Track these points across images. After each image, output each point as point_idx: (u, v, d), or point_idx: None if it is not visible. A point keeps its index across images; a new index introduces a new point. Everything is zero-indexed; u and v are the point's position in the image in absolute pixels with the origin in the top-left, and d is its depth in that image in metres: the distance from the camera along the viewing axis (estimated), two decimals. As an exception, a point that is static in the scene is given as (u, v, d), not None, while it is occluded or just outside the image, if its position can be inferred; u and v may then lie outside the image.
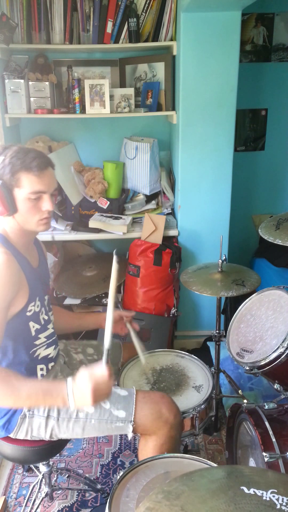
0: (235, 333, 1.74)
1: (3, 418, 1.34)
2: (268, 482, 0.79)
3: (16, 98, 2.28)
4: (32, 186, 1.24)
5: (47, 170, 1.27)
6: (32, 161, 1.23)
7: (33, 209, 1.27)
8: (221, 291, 1.72)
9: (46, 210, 1.29)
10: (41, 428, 1.35)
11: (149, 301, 2.40)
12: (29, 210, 1.27)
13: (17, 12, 2.21)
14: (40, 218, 1.30)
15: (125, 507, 1.12)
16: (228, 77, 2.20)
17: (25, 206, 1.26)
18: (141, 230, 2.40)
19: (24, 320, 1.33)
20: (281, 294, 1.66)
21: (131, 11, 2.21)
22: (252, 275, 1.84)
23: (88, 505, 1.74)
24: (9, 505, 1.76)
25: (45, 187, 1.26)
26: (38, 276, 1.41)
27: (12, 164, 1.22)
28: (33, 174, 1.23)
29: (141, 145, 2.47)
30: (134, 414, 1.32)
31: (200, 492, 0.77)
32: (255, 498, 0.74)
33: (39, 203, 1.28)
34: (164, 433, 1.33)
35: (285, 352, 1.46)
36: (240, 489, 0.76)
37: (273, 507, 0.73)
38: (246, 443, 1.53)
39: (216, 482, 0.79)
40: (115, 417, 1.33)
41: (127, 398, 1.36)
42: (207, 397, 1.59)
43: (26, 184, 1.24)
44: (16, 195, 1.25)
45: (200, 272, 1.91)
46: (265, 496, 0.75)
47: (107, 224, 2.36)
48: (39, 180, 1.25)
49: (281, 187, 3.04)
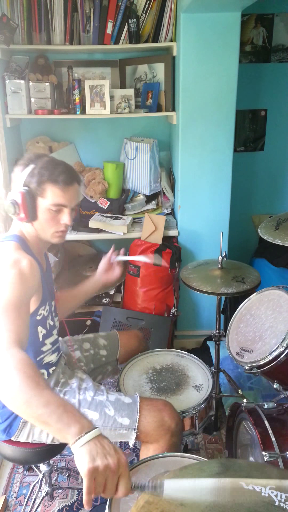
0: (234, 333, 1.75)
1: (5, 422, 1.34)
2: (267, 477, 0.79)
3: (16, 98, 2.29)
4: (55, 199, 1.28)
5: (72, 185, 1.31)
6: (60, 175, 1.27)
7: (52, 220, 1.31)
8: (221, 287, 1.72)
9: (63, 224, 1.33)
10: (43, 433, 1.35)
11: (149, 301, 2.41)
12: (48, 221, 1.31)
13: (17, 13, 2.22)
14: (56, 230, 1.34)
15: (125, 506, 1.12)
16: (227, 77, 2.21)
17: (44, 216, 1.30)
18: (141, 230, 2.41)
19: (33, 324, 1.33)
20: (280, 294, 1.67)
21: (131, 12, 2.22)
22: (252, 272, 1.84)
23: (89, 504, 1.75)
24: (10, 505, 1.76)
25: (67, 202, 1.30)
26: (47, 281, 1.42)
27: (41, 174, 1.26)
28: (58, 187, 1.27)
29: (141, 145, 2.47)
30: (138, 421, 1.33)
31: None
32: (254, 494, 0.75)
33: (59, 215, 1.32)
34: (166, 440, 1.34)
35: (284, 351, 1.46)
36: (239, 485, 0.76)
37: (272, 503, 0.73)
38: (245, 442, 1.53)
39: (215, 476, 0.80)
40: (119, 424, 1.34)
41: (131, 405, 1.36)
42: (207, 396, 1.59)
43: (49, 196, 1.28)
44: (38, 204, 1.29)
45: (200, 268, 1.91)
46: (264, 492, 0.75)
47: (107, 224, 2.37)
48: (62, 194, 1.29)
49: (280, 188, 3.04)
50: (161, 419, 1.34)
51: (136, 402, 1.37)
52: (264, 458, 1.27)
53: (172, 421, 1.35)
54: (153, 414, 1.35)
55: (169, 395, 1.60)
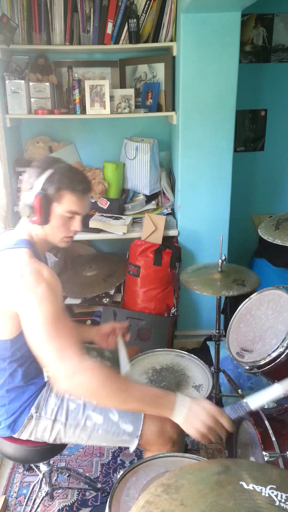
0: (234, 333, 1.75)
1: (10, 418, 1.34)
2: (267, 477, 0.79)
3: (16, 98, 2.29)
4: (71, 206, 1.31)
5: (88, 195, 1.36)
6: (79, 184, 1.31)
7: (63, 226, 1.34)
8: (221, 291, 1.72)
9: (74, 230, 1.36)
10: (46, 431, 1.35)
11: (149, 301, 2.41)
12: (60, 226, 1.33)
13: (17, 13, 2.22)
14: (66, 235, 1.36)
15: (125, 506, 1.12)
16: (227, 77, 2.21)
17: (57, 221, 1.32)
18: (141, 230, 2.41)
19: None
20: (280, 294, 1.67)
21: (131, 12, 2.22)
22: (252, 275, 1.85)
23: (89, 504, 1.75)
24: (10, 505, 1.76)
25: (81, 210, 1.34)
26: None
27: (60, 181, 1.29)
28: (76, 195, 1.31)
29: (141, 145, 2.47)
30: (141, 429, 1.33)
31: (199, 486, 0.77)
32: (254, 494, 0.75)
33: (71, 222, 1.35)
34: (167, 449, 1.34)
35: (284, 351, 1.46)
36: (239, 484, 0.77)
37: (272, 503, 0.73)
38: (246, 442, 1.53)
39: (215, 476, 0.79)
40: (122, 431, 1.34)
41: (136, 412, 1.36)
42: (207, 396, 1.59)
43: (66, 202, 1.30)
44: (53, 209, 1.31)
45: (199, 272, 1.91)
46: (264, 492, 0.75)
47: (107, 224, 2.37)
48: (79, 202, 1.32)
49: (280, 188, 3.04)
50: (163, 428, 1.34)
51: None
52: (265, 458, 1.27)
53: (174, 431, 1.35)
54: (156, 423, 1.34)
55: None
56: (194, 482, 0.78)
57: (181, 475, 0.80)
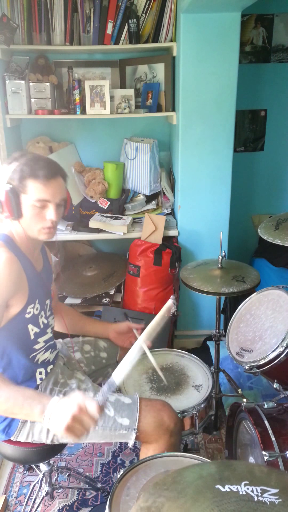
0: (234, 333, 1.75)
1: (3, 422, 1.34)
2: (237, 474, 0.78)
3: (16, 99, 2.29)
4: (37, 194, 1.26)
5: (54, 179, 1.29)
6: (40, 170, 1.26)
7: (37, 216, 1.29)
8: (221, 287, 1.72)
9: (49, 220, 1.30)
10: (42, 433, 1.35)
11: (149, 300, 2.41)
12: (33, 217, 1.29)
13: (17, 13, 2.22)
14: (43, 226, 1.31)
15: (125, 505, 1.12)
16: (227, 78, 2.21)
17: (29, 212, 1.28)
18: (141, 230, 2.41)
19: (23, 322, 1.33)
20: (280, 294, 1.67)
21: (131, 12, 2.22)
22: (252, 272, 1.84)
23: (89, 504, 1.75)
24: (10, 504, 1.77)
25: (50, 196, 1.28)
26: (40, 280, 1.42)
27: (22, 170, 1.25)
28: (40, 182, 1.26)
29: (141, 145, 2.47)
30: (138, 422, 1.34)
31: (180, 501, 0.73)
32: (233, 495, 0.73)
33: (44, 211, 1.30)
34: (165, 440, 1.35)
35: (284, 351, 1.47)
36: (216, 489, 0.74)
37: (252, 500, 0.72)
38: (245, 442, 1.53)
39: (191, 486, 0.76)
40: (119, 425, 1.34)
41: (131, 406, 1.37)
42: (206, 396, 1.59)
43: (31, 191, 1.26)
44: (22, 200, 1.27)
45: (199, 268, 1.91)
46: (241, 490, 0.74)
47: (108, 224, 2.37)
48: (44, 189, 1.26)
49: (280, 188, 3.05)
50: (160, 419, 1.35)
51: (136, 403, 1.37)
52: (264, 457, 1.27)
53: (171, 421, 1.36)
54: (153, 415, 1.35)
55: (169, 394, 1.61)
56: (172, 498, 0.74)
57: (157, 493, 0.75)
